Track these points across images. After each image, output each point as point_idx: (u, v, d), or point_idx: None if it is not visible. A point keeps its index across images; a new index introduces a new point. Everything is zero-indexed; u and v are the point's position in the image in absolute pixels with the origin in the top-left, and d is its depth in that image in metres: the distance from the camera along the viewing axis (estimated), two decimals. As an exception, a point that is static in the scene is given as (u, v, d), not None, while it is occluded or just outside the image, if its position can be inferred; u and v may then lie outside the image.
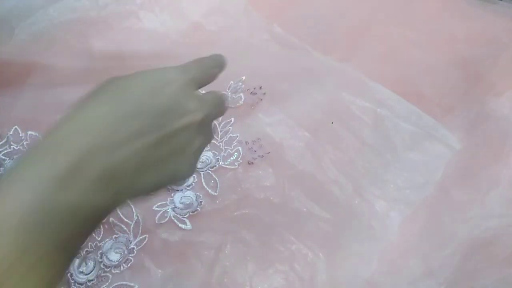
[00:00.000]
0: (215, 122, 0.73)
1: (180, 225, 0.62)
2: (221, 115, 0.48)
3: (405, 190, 0.70)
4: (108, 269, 0.58)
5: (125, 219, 0.62)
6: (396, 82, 0.81)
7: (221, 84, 0.80)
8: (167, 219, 0.62)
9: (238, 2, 0.95)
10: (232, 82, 0.80)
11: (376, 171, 0.72)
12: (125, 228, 0.61)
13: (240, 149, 0.70)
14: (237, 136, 0.72)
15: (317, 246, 0.63)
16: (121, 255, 0.59)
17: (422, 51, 0.86)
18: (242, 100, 0.77)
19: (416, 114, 0.78)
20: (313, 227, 0.65)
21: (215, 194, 0.65)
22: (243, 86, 0.79)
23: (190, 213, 0.63)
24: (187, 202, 0.63)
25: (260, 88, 0.78)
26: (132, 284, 0.57)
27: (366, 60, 0.86)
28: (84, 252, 0.59)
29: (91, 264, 0.58)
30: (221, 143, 0.71)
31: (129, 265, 0.59)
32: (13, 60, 0.81)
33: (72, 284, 0.57)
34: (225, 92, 0.79)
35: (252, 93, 0.78)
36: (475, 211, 0.66)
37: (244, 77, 0.80)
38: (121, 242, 0.60)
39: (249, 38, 0.91)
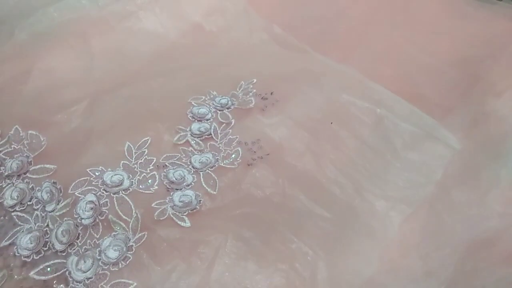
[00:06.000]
0: (215, 124, 0.74)
1: (179, 222, 0.61)
2: None
3: (406, 190, 0.70)
4: (106, 267, 0.57)
5: (124, 217, 0.61)
6: (396, 82, 0.82)
7: (226, 84, 0.80)
8: (166, 216, 0.62)
9: (238, 2, 0.95)
10: (243, 82, 0.81)
11: (376, 171, 0.71)
12: (124, 226, 0.61)
13: (240, 149, 0.70)
14: (237, 137, 0.72)
15: (318, 245, 0.62)
16: (119, 252, 0.58)
17: (422, 51, 0.86)
18: (253, 103, 0.77)
19: (416, 114, 0.78)
20: (313, 226, 0.64)
21: (214, 193, 0.65)
22: (254, 90, 0.79)
23: (189, 211, 0.63)
24: (186, 201, 0.63)
25: (272, 93, 0.78)
26: (130, 281, 0.57)
27: (366, 60, 0.86)
28: (82, 250, 0.59)
29: (89, 261, 0.57)
30: (220, 145, 0.71)
31: (127, 262, 0.58)
32: (13, 60, 0.81)
33: (71, 282, 0.56)
34: (235, 92, 0.79)
35: (263, 98, 0.78)
36: (475, 211, 0.66)
37: (255, 80, 0.81)
38: (120, 239, 0.59)
39: (249, 38, 0.91)
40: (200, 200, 0.64)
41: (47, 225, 0.61)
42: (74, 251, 0.59)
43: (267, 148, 0.71)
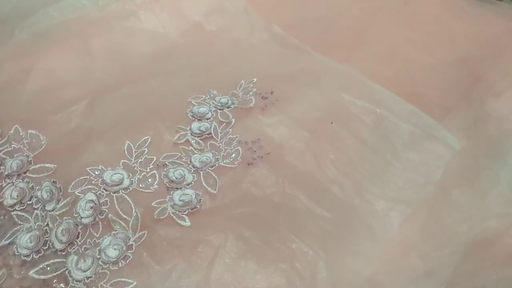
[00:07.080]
0: (215, 123, 0.74)
1: (179, 221, 0.61)
2: None
3: (405, 190, 0.70)
4: (106, 266, 0.57)
5: (124, 216, 0.61)
6: (396, 82, 0.82)
7: (226, 83, 0.80)
8: (166, 215, 0.62)
9: (238, 2, 0.95)
10: (243, 81, 0.81)
11: (376, 171, 0.71)
12: (124, 225, 0.61)
13: (240, 149, 0.70)
14: (237, 136, 0.72)
15: (318, 245, 0.62)
16: (119, 251, 0.58)
17: (422, 51, 0.86)
18: (253, 103, 0.77)
19: (416, 114, 0.78)
20: (313, 226, 0.64)
21: (215, 192, 0.65)
22: (254, 89, 0.79)
23: (189, 210, 0.62)
24: (187, 200, 0.63)
25: (272, 93, 0.78)
26: (130, 280, 0.56)
27: (366, 60, 0.86)
28: (82, 249, 0.59)
29: (89, 260, 0.57)
30: (220, 144, 0.71)
31: (127, 261, 0.58)
32: (13, 60, 0.81)
33: (70, 281, 0.56)
34: (235, 91, 0.79)
35: (264, 98, 0.78)
36: (475, 211, 0.66)
37: (255, 79, 0.81)
38: (120, 238, 0.59)
39: (249, 38, 0.91)
40: (200, 199, 0.64)
41: (47, 224, 0.61)
42: (74, 250, 0.59)
43: (267, 148, 0.71)
